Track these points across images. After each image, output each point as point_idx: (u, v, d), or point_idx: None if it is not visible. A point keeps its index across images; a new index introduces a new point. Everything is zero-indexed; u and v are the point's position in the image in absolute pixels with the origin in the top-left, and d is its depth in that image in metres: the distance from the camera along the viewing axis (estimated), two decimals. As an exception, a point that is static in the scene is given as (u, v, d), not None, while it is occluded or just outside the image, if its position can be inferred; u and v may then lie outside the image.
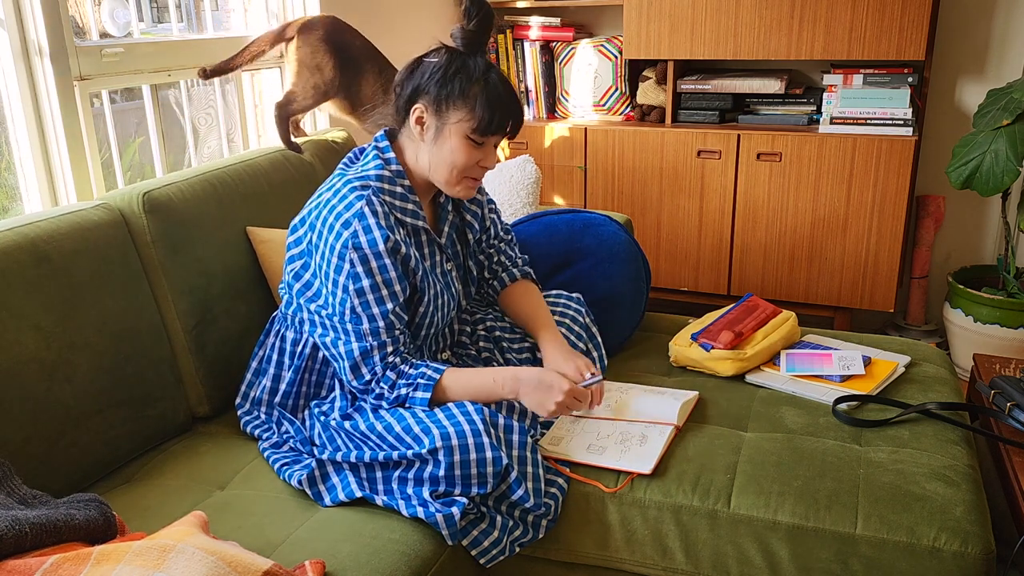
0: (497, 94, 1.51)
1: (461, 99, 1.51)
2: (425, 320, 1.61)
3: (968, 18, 2.92)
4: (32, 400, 1.43)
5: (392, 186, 1.56)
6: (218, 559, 1.09)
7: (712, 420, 1.69)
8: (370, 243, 1.48)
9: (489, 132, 1.53)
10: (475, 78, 1.51)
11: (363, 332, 1.50)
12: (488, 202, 1.82)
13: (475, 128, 1.51)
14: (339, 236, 1.49)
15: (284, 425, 1.66)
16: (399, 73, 1.59)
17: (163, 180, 1.77)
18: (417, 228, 1.60)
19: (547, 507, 1.50)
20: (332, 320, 1.53)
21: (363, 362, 1.52)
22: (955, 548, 1.35)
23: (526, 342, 1.79)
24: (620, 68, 3.21)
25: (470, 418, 1.44)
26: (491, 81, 1.52)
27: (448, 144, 1.53)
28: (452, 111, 1.52)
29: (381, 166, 1.57)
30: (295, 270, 1.60)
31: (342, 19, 2.22)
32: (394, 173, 1.57)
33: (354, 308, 1.50)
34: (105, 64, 2.00)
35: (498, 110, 1.51)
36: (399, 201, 1.56)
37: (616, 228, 2.11)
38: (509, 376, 1.54)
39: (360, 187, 1.52)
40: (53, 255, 1.51)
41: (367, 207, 1.49)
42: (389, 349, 1.52)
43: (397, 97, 1.58)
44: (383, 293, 1.50)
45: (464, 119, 1.52)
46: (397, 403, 1.52)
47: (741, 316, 1.96)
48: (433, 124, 1.54)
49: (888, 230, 2.81)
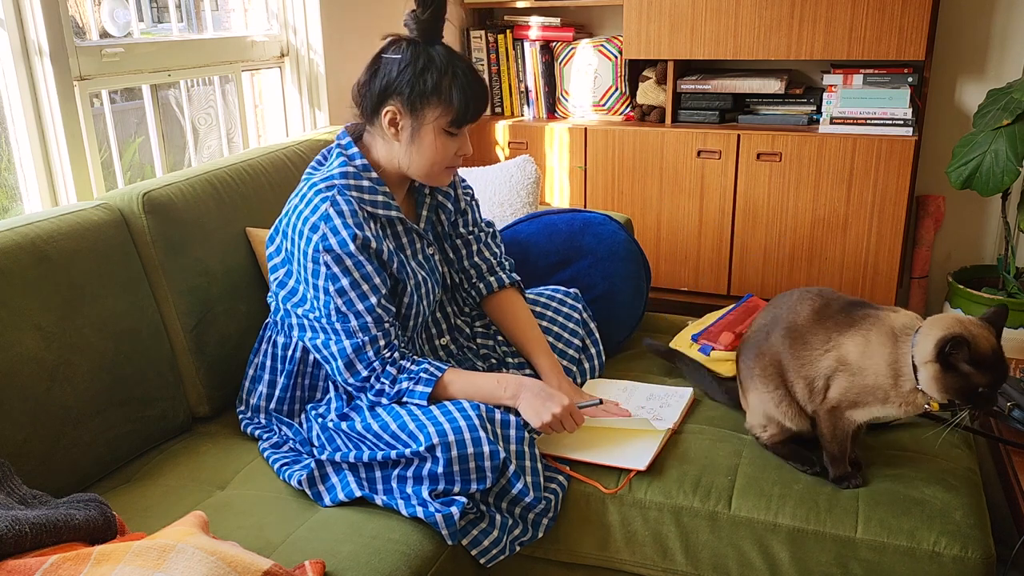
0: (468, 83, 1.50)
1: (435, 95, 1.49)
2: (411, 310, 1.61)
3: (968, 18, 2.92)
4: (32, 400, 1.43)
5: (358, 181, 1.55)
6: (218, 559, 1.09)
7: (713, 422, 1.69)
8: (340, 243, 1.48)
9: (466, 122, 1.53)
10: (443, 70, 1.49)
11: (352, 329, 1.50)
12: (464, 185, 1.79)
13: (452, 120, 1.51)
14: (309, 241, 1.49)
15: (283, 429, 1.67)
16: (362, 74, 1.55)
17: (163, 180, 1.77)
18: (391, 219, 1.59)
19: (547, 503, 1.50)
20: (320, 322, 1.53)
21: (357, 358, 1.52)
22: (955, 552, 1.35)
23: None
24: (620, 68, 3.21)
25: (466, 414, 1.44)
26: (459, 71, 1.50)
27: (426, 141, 1.53)
28: (427, 109, 1.50)
29: (345, 163, 1.56)
30: (278, 278, 1.61)
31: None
32: (359, 168, 1.56)
33: (338, 308, 1.50)
34: (105, 64, 1.99)
35: (472, 99, 1.50)
36: (368, 195, 1.55)
37: (616, 228, 2.11)
38: (513, 380, 1.54)
39: (324, 188, 1.51)
40: (53, 255, 1.51)
41: (331, 208, 1.49)
42: (382, 343, 1.52)
43: (362, 99, 1.55)
44: (364, 288, 1.50)
45: (441, 115, 1.51)
46: (397, 398, 1.52)
47: (741, 317, 1.96)
48: (408, 124, 1.52)
49: (888, 230, 2.81)
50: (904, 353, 1.35)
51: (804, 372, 1.46)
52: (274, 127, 2.69)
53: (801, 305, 1.51)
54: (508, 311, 1.78)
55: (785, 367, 1.49)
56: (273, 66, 2.61)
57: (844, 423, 1.43)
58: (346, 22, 2.71)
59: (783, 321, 1.52)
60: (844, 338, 1.42)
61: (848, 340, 1.42)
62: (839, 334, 1.43)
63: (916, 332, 1.35)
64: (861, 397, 1.40)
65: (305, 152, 2.16)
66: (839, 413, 1.43)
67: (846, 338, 1.42)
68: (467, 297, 1.82)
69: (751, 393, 1.56)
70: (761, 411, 1.54)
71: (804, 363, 1.46)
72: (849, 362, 1.41)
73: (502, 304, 1.79)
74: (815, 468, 1.50)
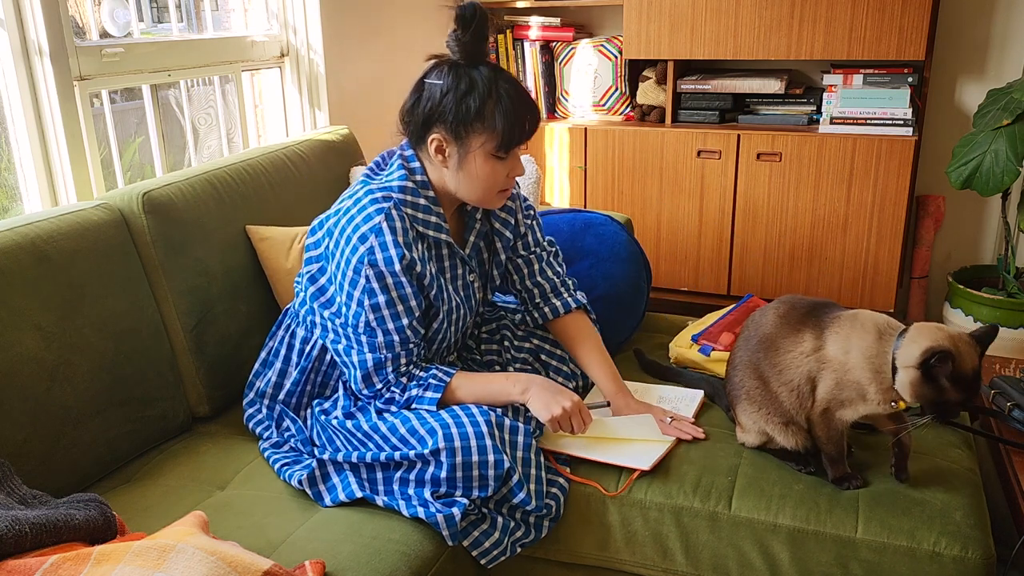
0: (513, 105, 1.44)
1: (479, 120, 1.44)
2: (439, 335, 1.60)
3: (968, 18, 2.92)
4: (32, 400, 1.43)
5: (415, 198, 1.51)
6: (218, 559, 1.09)
7: (714, 422, 1.69)
8: (386, 261, 1.45)
9: (513, 145, 1.47)
10: (486, 94, 1.43)
11: (377, 345, 1.49)
12: (525, 207, 1.73)
13: (499, 145, 1.45)
14: (355, 250, 1.46)
15: (285, 422, 1.66)
16: (406, 100, 1.50)
17: (163, 180, 1.77)
18: (439, 241, 1.55)
19: (548, 508, 1.50)
20: (346, 330, 1.52)
21: (375, 373, 1.51)
22: (955, 553, 1.34)
23: (528, 343, 1.78)
24: (620, 68, 3.21)
25: (475, 420, 1.43)
26: (503, 92, 1.44)
27: (474, 167, 1.47)
28: (472, 136, 1.45)
29: (405, 176, 1.51)
30: (311, 272, 1.58)
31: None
32: (418, 184, 1.52)
33: (369, 322, 1.48)
34: (105, 64, 1.99)
35: (517, 122, 1.45)
36: (422, 214, 1.51)
37: (616, 228, 2.11)
38: (523, 376, 1.54)
39: (381, 199, 1.47)
40: (53, 255, 1.51)
41: (386, 222, 1.45)
42: (403, 361, 1.51)
43: (407, 125, 1.51)
44: (399, 309, 1.48)
45: (487, 140, 1.45)
46: (406, 404, 1.52)
47: (741, 317, 1.95)
48: (455, 152, 1.47)
49: (888, 230, 2.81)
50: (886, 352, 1.36)
51: (784, 378, 1.46)
52: (274, 127, 2.69)
53: (765, 316, 1.53)
54: (575, 336, 1.74)
55: (767, 379, 1.49)
56: (273, 66, 2.61)
57: (837, 423, 1.43)
58: (346, 22, 2.71)
59: (754, 336, 1.52)
60: (824, 337, 1.43)
61: (829, 338, 1.42)
62: (815, 336, 1.43)
63: (900, 335, 1.35)
64: (846, 394, 1.40)
65: (305, 152, 2.16)
66: (831, 415, 1.43)
67: (826, 337, 1.42)
68: (531, 319, 1.77)
69: (742, 415, 1.56)
70: (756, 429, 1.54)
71: (781, 369, 1.46)
72: (831, 359, 1.41)
73: (568, 328, 1.74)
74: (810, 468, 1.50)
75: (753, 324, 1.55)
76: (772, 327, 1.49)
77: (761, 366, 1.50)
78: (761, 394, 1.50)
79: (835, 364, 1.41)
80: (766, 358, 1.49)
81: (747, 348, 1.54)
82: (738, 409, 1.56)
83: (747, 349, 1.53)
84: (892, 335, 1.36)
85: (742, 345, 1.56)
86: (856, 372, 1.38)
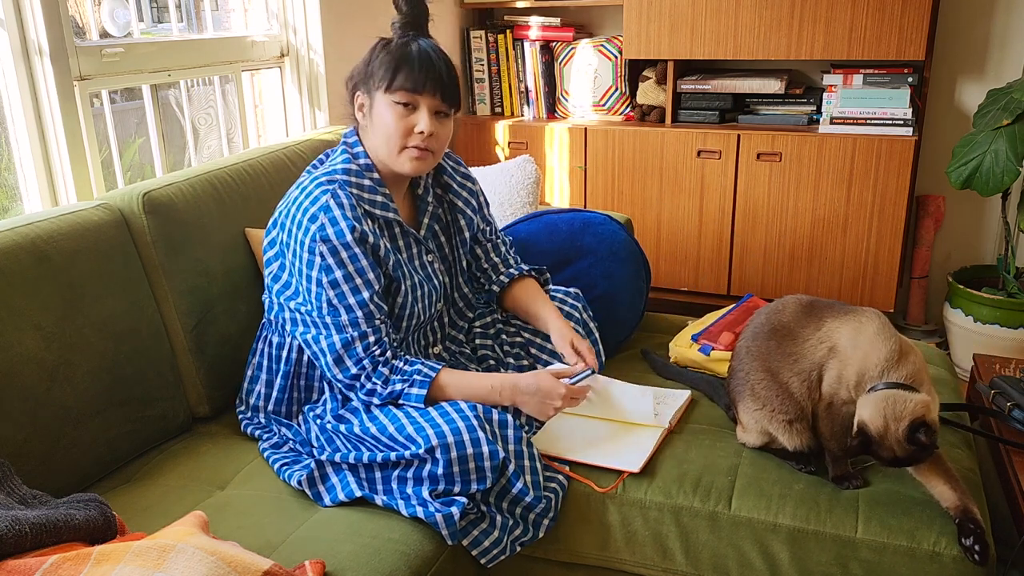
0: (408, 52, 1.53)
1: (382, 69, 1.53)
2: (405, 312, 1.61)
3: (968, 18, 2.92)
4: (32, 400, 1.43)
5: (360, 179, 1.57)
6: (218, 559, 1.09)
7: (714, 422, 1.69)
8: (337, 234, 1.49)
9: (406, 88, 1.52)
10: (395, 48, 1.54)
11: (342, 324, 1.51)
12: (482, 193, 1.83)
13: (388, 86, 1.52)
14: (307, 231, 1.50)
15: (282, 430, 1.67)
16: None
17: (163, 180, 1.77)
18: (388, 220, 1.60)
19: (547, 502, 1.50)
20: (311, 316, 1.53)
21: (346, 354, 1.52)
22: (955, 553, 1.34)
23: (519, 337, 1.79)
24: (620, 68, 3.21)
25: (464, 415, 1.44)
26: (407, 45, 1.54)
27: (378, 114, 1.55)
28: (377, 83, 1.54)
29: (348, 160, 1.59)
30: (273, 272, 1.61)
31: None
32: (362, 167, 1.59)
33: (330, 300, 1.50)
34: (105, 64, 1.99)
35: (405, 64, 1.52)
36: (367, 194, 1.57)
37: (616, 227, 2.11)
38: (508, 384, 1.55)
39: (326, 182, 1.53)
40: (53, 255, 1.51)
41: (331, 199, 1.50)
42: (371, 339, 1.52)
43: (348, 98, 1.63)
44: (357, 282, 1.51)
45: (382, 84, 1.53)
46: (391, 399, 1.52)
47: (741, 317, 1.96)
48: (367, 103, 1.57)
49: (888, 230, 2.81)
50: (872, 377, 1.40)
51: (798, 367, 1.47)
52: (274, 127, 2.69)
53: (784, 308, 1.55)
54: (520, 294, 1.81)
55: (776, 370, 1.49)
56: (273, 66, 2.61)
57: (842, 418, 1.44)
58: (346, 22, 2.71)
59: (766, 326, 1.53)
60: (838, 324, 1.45)
61: (843, 327, 1.44)
62: (833, 320, 1.46)
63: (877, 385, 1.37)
64: (844, 389, 1.41)
65: (305, 152, 2.16)
66: (835, 409, 1.44)
67: (841, 323, 1.45)
68: (487, 297, 1.85)
69: (744, 414, 1.56)
70: (758, 429, 1.55)
71: (797, 358, 1.47)
72: (840, 349, 1.43)
73: (516, 286, 1.83)
74: (811, 467, 1.50)
75: (766, 315, 1.56)
76: (791, 316, 1.51)
77: (772, 357, 1.50)
78: (766, 389, 1.50)
79: (841, 354, 1.42)
80: (779, 347, 1.50)
81: (757, 338, 1.54)
82: (740, 407, 1.57)
83: (757, 339, 1.54)
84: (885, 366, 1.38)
85: (750, 336, 1.56)
86: (858, 363, 1.40)
